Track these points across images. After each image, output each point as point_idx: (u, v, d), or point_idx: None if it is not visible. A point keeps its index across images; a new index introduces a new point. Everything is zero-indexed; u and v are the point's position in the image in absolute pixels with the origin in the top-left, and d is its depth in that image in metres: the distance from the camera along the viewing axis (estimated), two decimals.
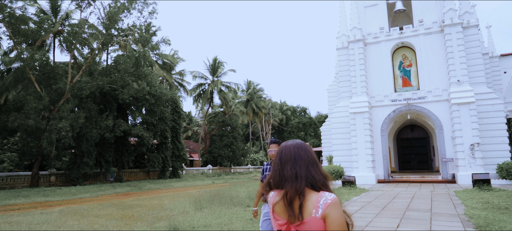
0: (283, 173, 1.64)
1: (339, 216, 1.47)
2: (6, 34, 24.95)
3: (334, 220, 1.46)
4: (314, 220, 1.49)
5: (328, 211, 1.48)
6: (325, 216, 1.48)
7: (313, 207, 1.51)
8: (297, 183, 1.58)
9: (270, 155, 4.22)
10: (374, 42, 22.66)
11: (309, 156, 1.66)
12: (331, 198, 1.51)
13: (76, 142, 26.74)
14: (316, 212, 1.49)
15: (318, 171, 1.64)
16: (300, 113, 75.20)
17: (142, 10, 25.29)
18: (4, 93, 29.36)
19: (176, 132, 37.96)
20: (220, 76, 46.80)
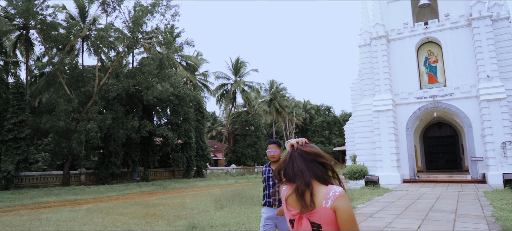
0: (294, 169, 1.80)
1: (348, 207, 1.62)
2: (38, 40, 26.19)
3: (344, 211, 1.61)
4: (324, 210, 1.63)
5: (337, 202, 1.62)
6: (335, 207, 1.62)
7: (323, 199, 1.65)
8: (304, 177, 1.74)
9: (269, 156, 4.09)
10: (397, 38, 22.11)
11: (314, 153, 1.82)
12: (339, 190, 1.65)
13: (104, 143, 27.68)
14: (326, 203, 1.63)
15: (323, 167, 1.78)
16: (324, 112, 74.37)
17: (165, 13, 25.85)
18: (37, 96, 30.84)
19: (200, 132, 38.49)
20: (242, 76, 47.05)
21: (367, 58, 23.08)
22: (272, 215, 4.06)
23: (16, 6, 22.04)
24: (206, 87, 46.09)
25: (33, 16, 22.58)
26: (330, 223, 1.62)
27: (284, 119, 61.65)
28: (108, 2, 24.59)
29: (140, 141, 31.01)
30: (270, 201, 4.09)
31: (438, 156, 26.75)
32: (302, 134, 73.80)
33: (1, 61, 29.06)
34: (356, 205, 11.45)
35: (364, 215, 9.42)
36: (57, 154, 26.78)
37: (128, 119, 27.53)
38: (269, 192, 4.14)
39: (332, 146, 65.55)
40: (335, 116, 71.23)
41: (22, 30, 26.80)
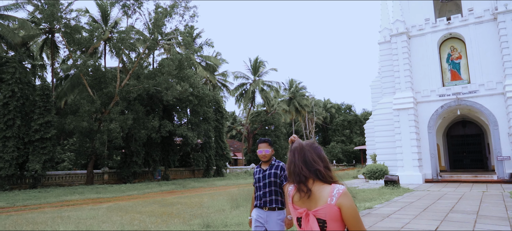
0: (298, 169, 1.92)
1: (351, 203, 1.77)
2: (63, 43, 27.08)
3: (348, 207, 1.75)
4: (330, 207, 1.76)
5: (341, 200, 1.76)
6: (339, 204, 1.75)
7: (328, 196, 1.78)
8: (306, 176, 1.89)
9: (260, 155, 3.88)
10: (419, 35, 21.53)
11: (316, 154, 1.95)
12: (342, 188, 1.79)
13: (126, 143, 28.32)
14: (331, 200, 1.77)
15: (324, 166, 1.92)
16: (345, 111, 73.44)
17: (183, 14, 26.18)
18: (63, 98, 31.90)
19: (219, 131, 38.77)
20: (261, 76, 47.06)
21: (387, 56, 22.60)
22: (262, 217, 3.82)
23: (42, 10, 22.87)
24: (225, 87, 46.39)
25: (57, 20, 23.37)
26: (335, 219, 1.76)
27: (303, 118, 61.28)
28: (128, 5, 25.14)
29: (160, 141, 31.53)
30: (260, 202, 3.85)
31: (462, 155, 25.89)
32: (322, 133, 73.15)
33: (29, 65, 30.23)
34: (373, 205, 11.24)
35: (381, 216, 9.23)
36: (81, 153, 27.62)
37: (149, 119, 28.05)
38: (259, 193, 3.88)
39: (353, 145, 64.66)
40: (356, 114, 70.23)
41: (48, 34, 27.77)
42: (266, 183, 3.84)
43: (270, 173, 3.85)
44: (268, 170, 3.87)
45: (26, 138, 23.34)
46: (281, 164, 3.88)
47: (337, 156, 63.34)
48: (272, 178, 3.82)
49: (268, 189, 3.82)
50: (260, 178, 3.90)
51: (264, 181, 3.85)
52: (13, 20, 25.14)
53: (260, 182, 3.89)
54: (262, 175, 3.89)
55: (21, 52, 25.52)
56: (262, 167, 3.95)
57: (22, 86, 23.38)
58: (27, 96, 23.77)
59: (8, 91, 22.58)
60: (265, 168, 3.90)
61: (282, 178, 3.86)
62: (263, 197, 3.84)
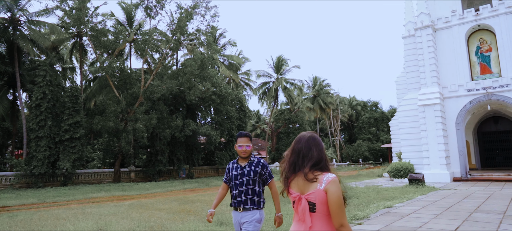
0: (297, 159, 2.16)
1: (336, 190, 1.97)
2: (90, 46, 28.05)
3: (333, 193, 1.97)
4: (319, 191, 2.00)
5: (329, 186, 1.99)
6: (326, 189, 1.99)
7: (319, 183, 2.02)
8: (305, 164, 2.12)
9: (240, 151, 3.57)
10: (445, 27, 20.70)
11: (304, 144, 2.17)
12: (332, 177, 2.02)
13: (151, 142, 29.00)
14: (320, 186, 2.01)
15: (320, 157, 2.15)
16: (371, 108, 71.82)
17: (205, 14, 26.49)
18: (92, 99, 33.09)
19: (242, 130, 38.97)
20: (284, 74, 46.83)
21: (412, 50, 21.88)
22: (237, 220, 3.55)
23: (70, 15, 23.81)
24: (249, 85, 46.52)
25: (84, 24, 24.24)
26: (323, 202, 2.00)
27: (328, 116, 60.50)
28: (150, 6, 25.70)
29: (184, 140, 32.06)
30: (235, 202, 3.57)
31: (494, 152, 24.68)
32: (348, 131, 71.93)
33: (59, 68, 31.55)
34: (393, 204, 10.92)
35: (399, 215, 8.96)
36: (108, 152, 28.54)
37: (173, 119, 28.58)
38: (234, 192, 3.56)
39: (380, 143, 63.16)
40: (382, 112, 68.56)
41: (76, 38, 28.88)
42: (244, 181, 3.52)
43: (250, 171, 3.54)
44: (248, 167, 3.56)
45: (57, 138, 24.38)
46: (262, 160, 3.62)
47: (364, 154, 62.06)
48: (251, 176, 3.52)
49: (245, 188, 3.51)
50: (237, 176, 3.57)
51: (242, 179, 3.53)
52: (43, 25, 26.30)
53: (236, 180, 3.56)
54: (240, 172, 3.57)
55: (52, 56, 26.66)
56: (240, 164, 3.62)
57: (52, 88, 24.43)
58: (57, 97, 24.82)
59: (39, 93, 23.66)
60: (244, 164, 3.59)
61: (265, 176, 3.60)
62: (238, 196, 3.53)
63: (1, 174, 23.07)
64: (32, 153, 23.51)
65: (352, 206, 10.65)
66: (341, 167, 52.70)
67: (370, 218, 8.64)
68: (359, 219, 8.48)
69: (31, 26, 25.17)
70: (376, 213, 9.27)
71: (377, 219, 8.49)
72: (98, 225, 8.51)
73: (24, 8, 24.88)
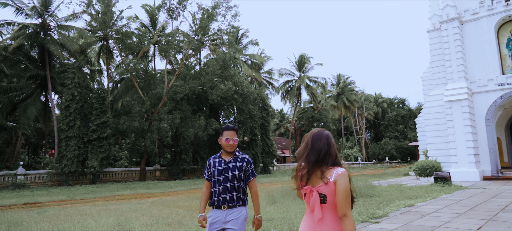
0: (305, 157, 2.29)
1: (344, 182, 2.14)
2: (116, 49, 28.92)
3: (340, 184, 2.13)
4: (329, 183, 2.17)
5: (338, 178, 2.16)
6: (335, 181, 2.15)
7: (329, 175, 2.19)
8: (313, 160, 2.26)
9: (227, 145, 3.36)
10: (472, 20, 19.86)
11: (322, 143, 2.30)
12: (341, 170, 2.19)
13: (174, 141, 29.56)
14: (330, 178, 2.18)
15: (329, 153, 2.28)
16: (397, 105, 70.02)
17: (225, 14, 26.71)
18: (119, 100, 34.13)
19: (265, 129, 38.97)
20: (306, 72, 46.46)
21: (437, 44, 21.14)
22: (220, 219, 3.28)
23: (96, 19, 24.67)
24: (271, 84, 46.48)
25: (109, 27, 25.04)
26: (333, 193, 2.16)
27: (353, 114, 59.51)
28: (172, 8, 26.19)
29: (207, 139, 32.45)
30: (218, 200, 3.31)
31: None
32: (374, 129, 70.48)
33: (88, 70, 32.74)
34: (415, 203, 10.61)
35: (420, 214, 8.70)
36: (134, 151, 29.35)
37: (195, 118, 29.01)
38: (218, 189, 3.32)
39: (407, 141, 61.51)
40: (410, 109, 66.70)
41: (103, 41, 29.84)
42: (229, 177, 3.32)
43: (235, 166, 3.36)
44: (232, 162, 3.37)
45: (85, 137, 25.31)
46: (246, 156, 3.48)
47: (390, 153, 60.61)
48: (236, 172, 3.34)
49: (230, 184, 3.32)
50: (220, 171, 3.34)
51: (226, 175, 3.32)
52: (72, 30, 27.37)
53: (220, 176, 3.33)
54: (224, 167, 3.35)
55: (80, 59, 27.70)
56: (223, 158, 3.41)
57: (81, 90, 25.39)
58: (85, 99, 25.76)
59: (69, 95, 24.65)
60: (228, 159, 3.39)
61: (249, 172, 3.44)
62: (222, 193, 3.30)
63: (35, 172, 24.22)
64: (62, 152, 24.53)
65: (372, 204, 10.45)
66: (366, 165, 51.70)
67: (388, 216, 8.45)
68: (377, 217, 8.30)
69: (60, 31, 26.27)
70: (396, 212, 9.05)
71: (396, 218, 8.29)
72: (118, 221, 8.78)
73: (54, 14, 25.98)
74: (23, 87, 27.16)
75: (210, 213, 3.34)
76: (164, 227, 8.13)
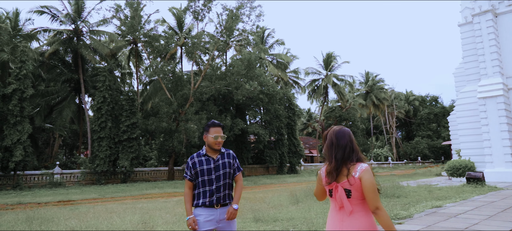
0: (334, 154, 2.34)
1: (370, 177, 2.23)
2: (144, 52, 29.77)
3: (366, 179, 2.22)
4: (353, 179, 2.25)
5: (363, 174, 2.24)
6: (361, 177, 2.24)
7: (353, 171, 2.27)
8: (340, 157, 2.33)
9: (214, 142, 3.26)
10: (508, 11, 18.80)
11: (346, 140, 2.37)
12: (365, 166, 2.28)
13: (201, 141, 30.03)
14: (355, 174, 2.25)
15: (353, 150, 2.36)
16: (430, 103, 67.50)
17: (250, 14, 26.84)
18: (148, 102, 35.12)
19: (291, 128, 38.80)
20: (333, 70, 45.79)
21: (470, 38, 20.20)
22: (214, 218, 3.20)
23: (125, 24, 25.53)
24: (297, 83, 46.19)
25: (138, 31, 25.83)
26: (358, 189, 2.25)
27: (383, 113, 58.03)
28: (198, 11, 26.63)
29: (234, 139, 32.72)
30: (211, 200, 3.21)
31: None
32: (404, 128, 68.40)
33: (119, 73, 33.92)
34: (443, 204, 10.22)
35: (447, 215, 8.37)
36: (162, 152, 30.08)
37: (222, 118, 29.34)
38: (211, 189, 3.22)
39: (441, 140, 59.19)
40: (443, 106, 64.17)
41: (132, 45, 30.82)
42: (221, 175, 3.27)
43: (225, 163, 3.31)
44: (221, 160, 3.32)
45: (116, 138, 26.24)
46: (231, 151, 3.42)
47: (423, 152, 58.56)
48: (227, 169, 3.31)
49: (222, 182, 3.27)
50: (211, 170, 3.26)
51: (218, 173, 3.27)
52: (103, 34, 28.48)
53: (211, 175, 3.25)
54: (214, 165, 3.27)
55: (111, 62, 28.76)
56: (211, 156, 3.31)
57: (111, 92, 26.34)
58: (116, 101, 26.71)
59: (100, 97, 25.65)
60: (216, 157, 3.32)
61: (234, 167, 3.40)
62: (216, 192, 3.23)
63: (70, 172, 25.40)
64: (95, 153, 25.56)
65: (397, 205, 10.17)
66: (397, 165, 50.26)
67: (413, 218, 8.19)
68: (401, 218, 8.07)
69: (92, 36, 27.41)
70: (421, 213, 8.76)
71: (421, 219, 8.02)
72: (142, 219, 9.04)
73: (86, 20, 27.14)
74: (59, 91, 28.56)
75: (200, 212, 3.21)
76: (184, 225, 8.29)
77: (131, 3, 25.27)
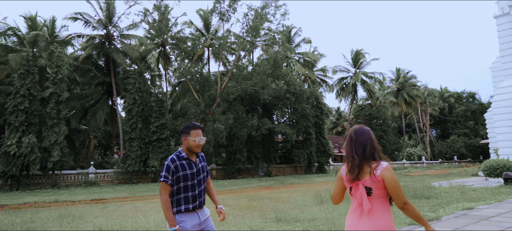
0: (354, 150, 2.38)
1: (391, 175, 2.27)
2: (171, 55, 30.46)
3: (390, 178, 2.26)
4: (375, 177, 2.28)
5: (384, 173, 2.28)
6: (382, 176, 2.28)
7: (374, 169, 2.30)
8: (359, 157, 2.36)
9: (196, 145, 3.16)
10: None
11: (366, 138, 2.40)
12: (385, 164, 2.32)
13: (229, 141, 30.31)
14: (376, 172, 2.29)
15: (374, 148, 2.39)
16: (466, 99, 64.46)
17: (275, 13, 26.78)
18: (177, 103, 35.91)
19: (319, 128, 38.33)
20: (362, 67, 44.76)
21: (507, 30, 19.08)
22: (197, 222, 3.16)
23: (153, 27, 26.25)
24: (325, 82, 45.55)
25: (165, 34, 26.47)
26: (378, 187, 2.29)
27: (415, 110, 56.10)
28: (223, 12, 26.91)
29: (261, 138, 32.74)
30: (195, 204, 3.16)
31: None
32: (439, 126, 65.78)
33: (149, 75, 34.90)
34: (476, 206, 9.72)
35: (478, 217, 7.95)
36: None
37: (248, 118, 29.45)
38: (194, 194, 3.15)
39: (479, 138, 56.36)
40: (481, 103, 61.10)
41: (161, 47, 31.62)
42: (201, 179, 3.25)
43: (203, 167, 3.31)
44: (200, 164, 3.28)
45: (146, 138, 27.01)
46: (201, 154, 3.36)
47: (459, 151, 56.00)
48: (205, 173, 3.32)
49: (203, 186, 3.28)
50: (194, 174, 3.17)
51: (199, 177, 3.22)
52: (133, 38, 29.41)
53: (194, 179, 3.17)
54: (196, 170, 3.20)
55: (141, 65, 29.65)
56: (192, 160, 3.21)
57: (141, 94, 27.13)
58: (146, 102, 27.49)
59: (130, 99, 26.50)
60: (196, 161, 3.25)
61: (207, 170, 3.41)
62: (198, 197, 3.20)
63: (103, 171, 26.43)
64: (127, 153, 26.43)
65: (425, 206, 9.81)
66: (431, 165, 48.39)
67: (441, 220, 7.85)
68: (428, 220, 7.75)
69: (122, 40, 28.37)
70: (450, 215, 8.37)
71: (449, 221, 7.67)
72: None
73: (116, 24, 28.14)
74: (93, 93, 29.79)
75: (184, 218, 3.11)
76: None
77: (159, 6, 25.93)
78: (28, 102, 22.17)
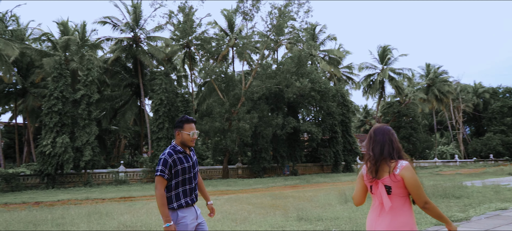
0: (375, 150, 2.40)
1: (412, 174, 2.28)
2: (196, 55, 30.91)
3: (410, 177, 2.27)
4: (394, 176, 2.29)
5: (404, 172, 2.29)
6: (402, 175, 2.28)
7: (394, 168, 2.31)
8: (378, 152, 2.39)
9: (189, 139, 3.15)
10: None
11: (385, 137, 2.42)
12: (405, 163, 2.32)
13: (254, 140, 30.39)
14: (396, 171, 2.30)
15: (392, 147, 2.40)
16: (503, 95, 61.30)
17: (298, 11, 26.58)
18: (203, 102, 36.41)
19: (346, 126, 37.72)
20: (389, 64, 43.55)
21: None
22: (194, 217, 3.20)
23: (178, 28, 26.75)
24: (351, 79, 44.73)
25: (190, 35, 26.91)
26: (398, 186, 2.30)
27: (447, 107, 54.03)
28: (246, 11, 27.00)
29: (286, 137, 32.59)
30: (191, 199, 3.19)
31: None
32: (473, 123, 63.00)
33: (175, 76, 35.60)
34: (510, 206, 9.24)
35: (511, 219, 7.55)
36: (216, 151, 30.98)
37: (273, 117, 29.41)
38: (189, 187, 3.17)
39: None
40: None
41: (186, 48, 32.15)
42: (196, 172, 3.29)
43: (196, 161, 3.33)
44: (193, 157, 3.30)
45: (173, 138, 27.57)
46: (192, 148, 3.36)
47: (496, 149, 53.33)
48: (197, 167, 3.35)
49: (197, 180, 3.33)
50: (190, 168, 3.18)
51: (194, 171, 3.25)
52: (159, 40, 30.10)
53: (190, 173, 3.18)
54: (191, 163, 3.22)
55: (167, 66, 30.30)
56: (188, 154, 3.22)
57: (168, 94, 27.71)
58: (172, 102, 28.05)
59: (157, 99, 27.13)
60: (190, 154, 3.27)
61: (197, 164, 3.40)
62: (194, 190, 3.25)
63: (132, 170, 27.24)
64: (154, 152, 27.08)
65: (455, 206, 9.44)
66: (465, 164, 46.45)
67: (470, 220, 7.52)
68: (456, 221, 7.47)
69: (149, 42, 29.09)
70: (481, 216, 8.00)
71: (480, 222, 7.34)
72: None
73: (143, 27, 28.91)
74: (122, 95, 30.75)
75: (185, 213, 3.12)
76: (228, 222, 8.45)
77: (183, 8, 26.37)
78: (61, 104, 23.16)
